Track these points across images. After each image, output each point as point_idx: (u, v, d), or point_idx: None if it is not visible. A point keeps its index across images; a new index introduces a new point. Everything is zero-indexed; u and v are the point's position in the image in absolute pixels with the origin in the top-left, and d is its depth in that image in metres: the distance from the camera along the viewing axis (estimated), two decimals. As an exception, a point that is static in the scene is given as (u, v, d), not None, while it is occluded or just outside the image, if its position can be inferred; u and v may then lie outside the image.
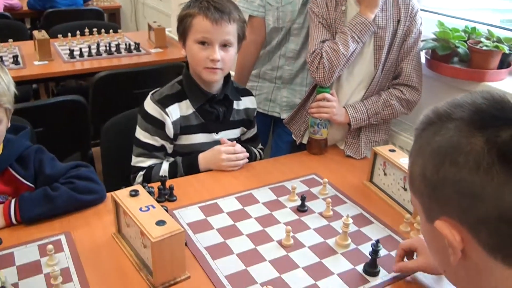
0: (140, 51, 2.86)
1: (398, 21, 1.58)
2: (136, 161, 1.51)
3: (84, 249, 1.11)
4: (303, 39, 1.83)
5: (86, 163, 1.33)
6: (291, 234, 1.18)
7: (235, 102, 1.60)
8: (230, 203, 1.35)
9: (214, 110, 1.54)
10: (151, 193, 1.22)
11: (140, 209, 1.04)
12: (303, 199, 1.33)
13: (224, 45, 1.45)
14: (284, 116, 1.93)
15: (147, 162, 1.50)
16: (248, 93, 1.68)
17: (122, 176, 1.56)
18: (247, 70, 1.95)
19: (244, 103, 1.63)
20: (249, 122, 1.67)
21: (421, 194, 0.64)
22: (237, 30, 1.47)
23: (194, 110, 1.51)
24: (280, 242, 1.18)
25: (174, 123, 1.48)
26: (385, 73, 1.62)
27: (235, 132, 1.63)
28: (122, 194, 1.09)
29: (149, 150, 1.49)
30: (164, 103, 1.47)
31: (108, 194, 1.27)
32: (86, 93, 2.34)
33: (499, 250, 0.58)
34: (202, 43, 1.43)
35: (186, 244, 1.10)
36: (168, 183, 1.37)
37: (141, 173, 1.50)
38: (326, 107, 1.58)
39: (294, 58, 1.87)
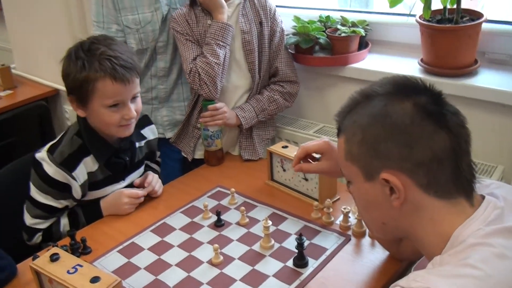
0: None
1: (260, 23, 1.77)
2: (33, 222, 1.47)
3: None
4: (171, 55, 1.93)
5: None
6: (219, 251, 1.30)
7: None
8: (147, 238, 1.42)
9: (121, 161, 1.54)
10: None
11: (68, 272, 1.07)
12: (218, 214, 1.45)
13: (134, 97, 1.45)
14: (169, 135, 2.02)
15: (46, 224, 1.48)
16: (146, 121, 1.67)
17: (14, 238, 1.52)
18: None
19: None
20: (152, 154, 1.71)
21: (362, 157, 0.85)
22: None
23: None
24: (210, 262, 1.30)
25: (82, 185, 1.47)
26: (263, 74, 1.81)
27: (140, 170, 1.65)
28: (41, 262, 1.10)
29: (49, 213, 1.47)
30: (69, 165, 1.42)
31: (22, 266, 1.28)
32: None
33: (431, 186, 0.81)
34: (114, 105, 1.40)
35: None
36: (78, 235, 1.38)
37: (40, 233, 1.48)
38: (219, 114, 1.72)
39: (166, 76, 1.96)
